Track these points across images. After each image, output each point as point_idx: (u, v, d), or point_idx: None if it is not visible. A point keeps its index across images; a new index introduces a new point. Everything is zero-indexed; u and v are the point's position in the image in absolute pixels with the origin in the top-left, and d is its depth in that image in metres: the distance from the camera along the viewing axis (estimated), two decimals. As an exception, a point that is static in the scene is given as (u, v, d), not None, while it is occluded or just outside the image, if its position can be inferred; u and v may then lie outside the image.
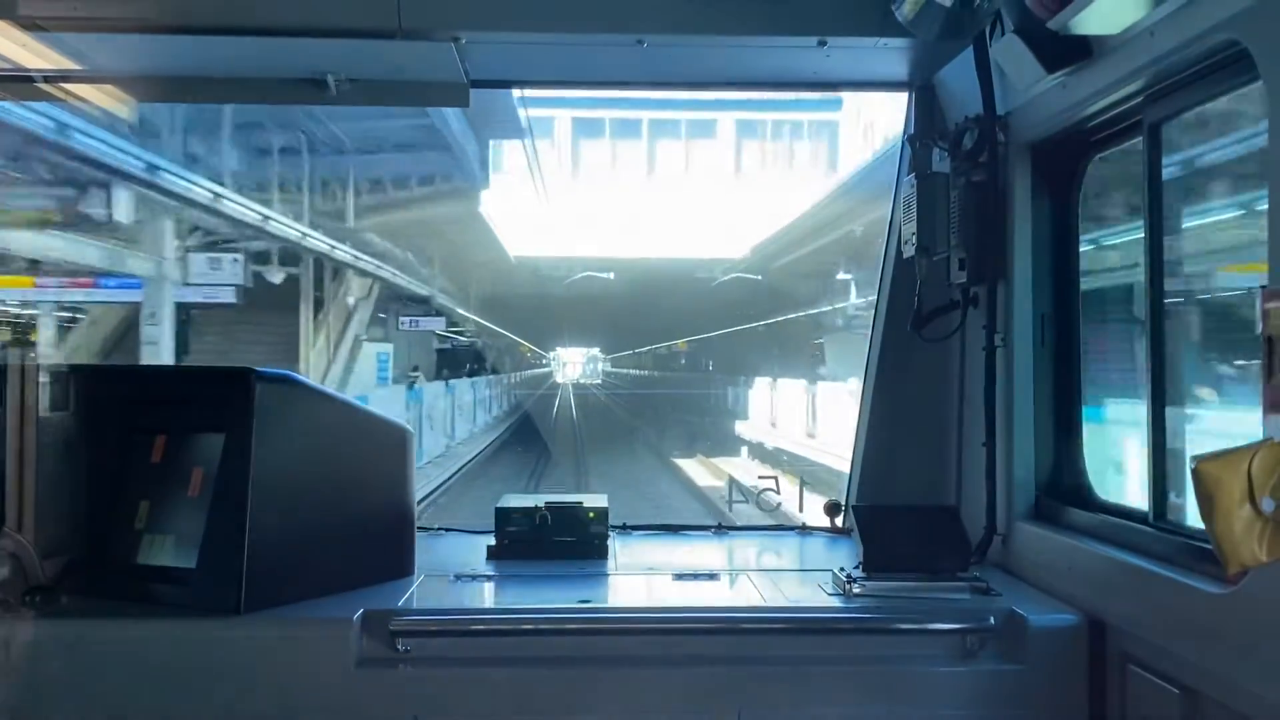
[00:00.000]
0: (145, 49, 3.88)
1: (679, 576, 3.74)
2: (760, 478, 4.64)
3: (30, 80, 4.05)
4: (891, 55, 3.99)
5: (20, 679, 3.08)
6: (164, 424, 3.54)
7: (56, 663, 3.09)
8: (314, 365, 28.76)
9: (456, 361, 49.07)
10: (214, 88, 4.41)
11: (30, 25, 3.64)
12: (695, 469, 31.53)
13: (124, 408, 3.58)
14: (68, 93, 4.29)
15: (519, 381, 73.14)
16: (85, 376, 3.70)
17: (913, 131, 4.30)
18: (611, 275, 45.16)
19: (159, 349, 23.27)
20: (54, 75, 4.07)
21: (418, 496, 3.82)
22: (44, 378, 3.52)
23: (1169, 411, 3.16)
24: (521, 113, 33.10)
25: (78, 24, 3.67)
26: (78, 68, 4.04)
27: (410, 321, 37.91)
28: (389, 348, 35.19)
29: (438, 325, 40.59)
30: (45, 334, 25.33)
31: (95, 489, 3.50)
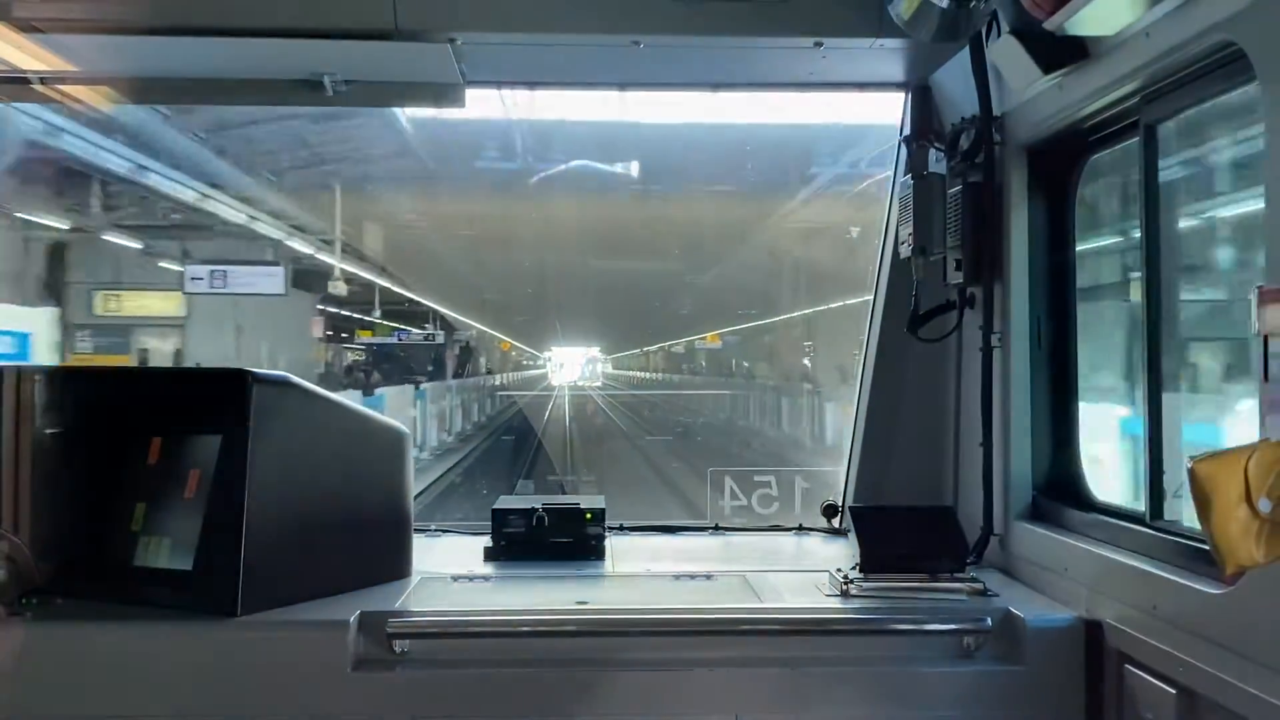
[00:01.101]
0: (141, 51, 3.88)
1: (676, 577, 3.74)
2: (756, 479, 4.64)
3: (26, 82, 4.04)
4: (887, 56, 3.99)
5: (16, 681, 3.07)
6: (160, 426, 3.54)
7: (53, 665, 3.08)
8: None
9: (398, 364, 39.44)
10: (210, 89, 4.41)
11: (26, 27, 3.64)
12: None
13: (120, 410, 3.57)
14: (63, 94, 4.28)
15: (508, 384, 61.78)
16: (81, 378, 3.69)
17: (909, 132, 4.30)
18: (634, 168, 21.37)
19: None
20: (50, 77, 4.07)
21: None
22: (39, 379, 3.52)
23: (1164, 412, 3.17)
24: None
25: (73, 25, 3.66)
26: (73, 69, 4.03)
27: (212, 275, 19.21)
28: (34, 315, 17.96)
29: (272, 285, 19.80)
30: None
31: (91, 491, 3.50)
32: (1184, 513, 3.04)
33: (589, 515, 4.04)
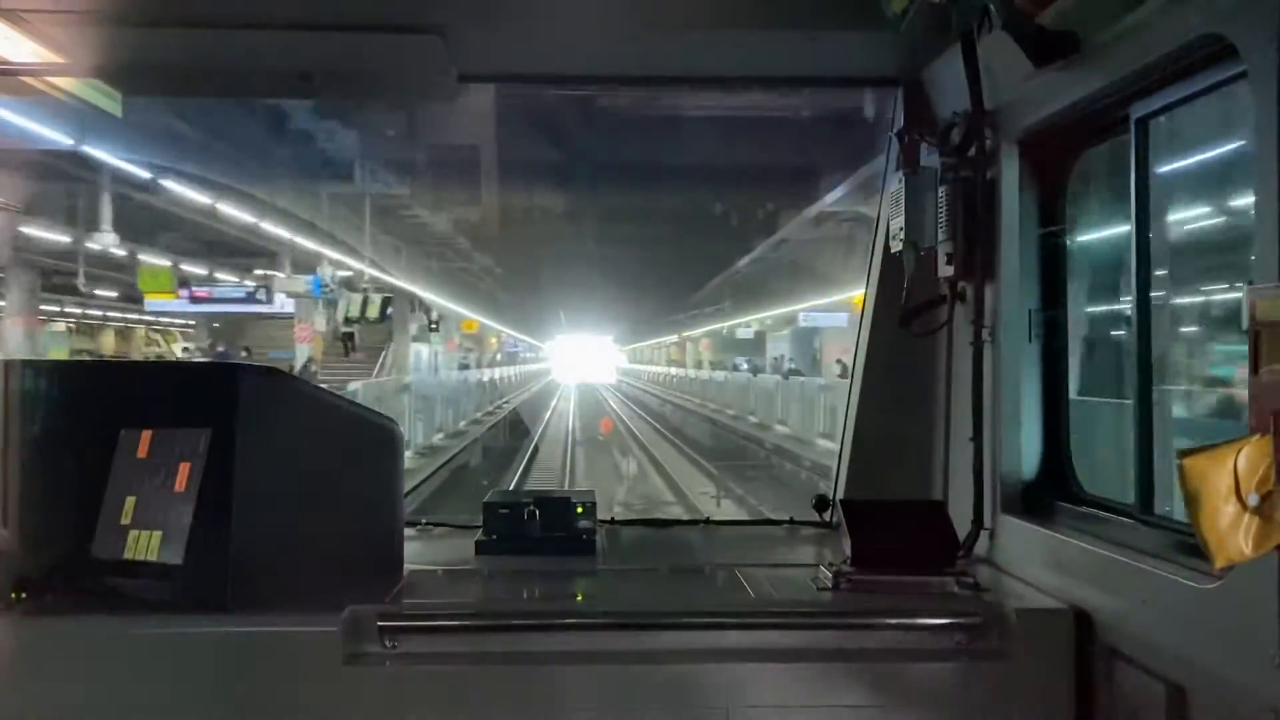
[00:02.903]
0: (129, 42, 3.85)
1: (667, 571, 3.74)
2: (749, 475, 4.64)
3: (13, 74, 4.01)
4: (880, 50, 3.99)
5: (8, 675, 3.06)
6: (150, 419, 3.52)
7: (44, 659, 3.07)
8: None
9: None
10: (199, 81, 4.38)
11: (12, 18, 3.61)
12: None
13: (109, 403, 3.55)
14: (52, 86, 4.25)
15: (486, 387, 39.35)
16: (70, 372, 3.67)
17: (901, 126, 4.30)
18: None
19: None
20: (38, 69, 4.04)
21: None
22: (29, 373, 3.50)
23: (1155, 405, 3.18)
24: None
25: (61, 17, 3.64)
26: (61, 61, 4.00)
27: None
28: None
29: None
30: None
31: (81, 485, 3.48)
32: (1174, 507, 3.05)
33: (580, 509, 4.04)
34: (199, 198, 22.87)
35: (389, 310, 31.20)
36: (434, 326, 38.73)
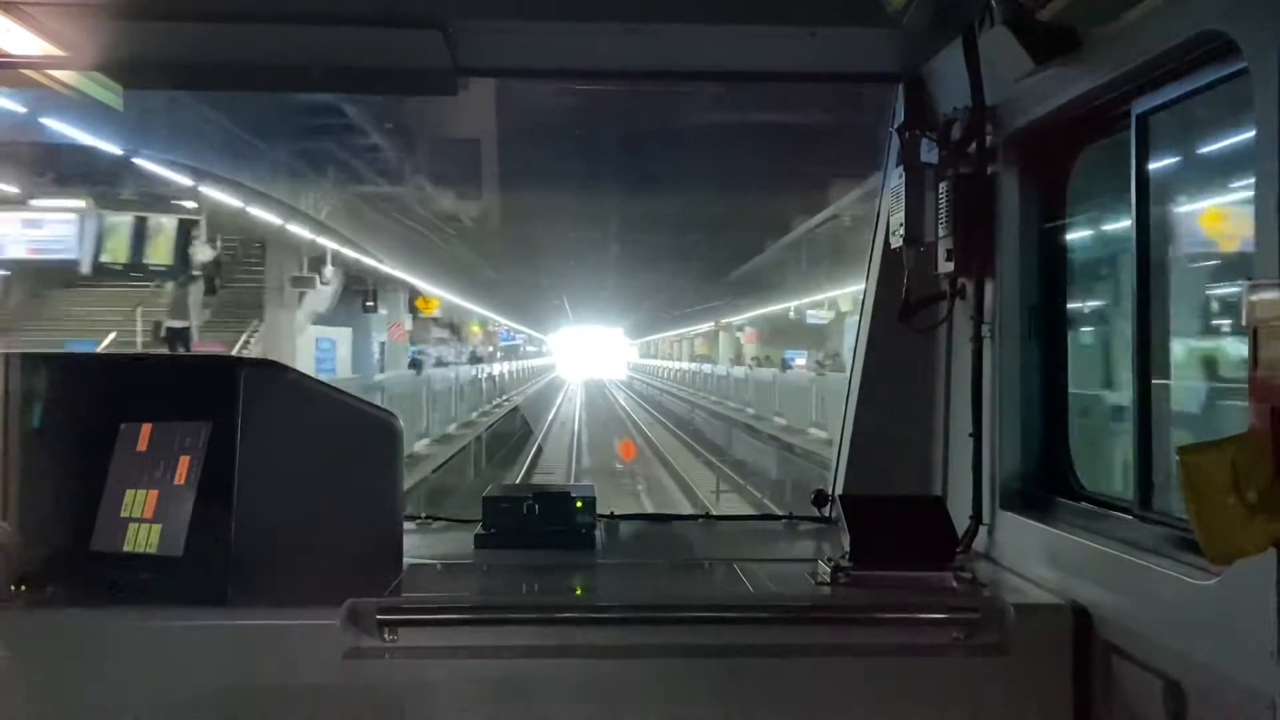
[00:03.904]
0: (129, 35, 3.85)
1: (666, 566, 3.75)
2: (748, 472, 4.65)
3: (13, 66, 4.01)
4: (881, 46, 3.99)
5: (7, 668, 3.06)
6: (150, 412, 3.52)
7: (44, 652, 3.07)
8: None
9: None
10: (200, 75, 4.38)
11: (13, 11, 3.60)
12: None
13: (109, 396, 3.56)
14: (51, 79, 4.25)
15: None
16: (69, 365, 3.67)
17: (901, 122, 4.30)
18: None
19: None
20: (38, 62, 4.03)
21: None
22: (29, 366, 3.50)
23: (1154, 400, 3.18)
24: None
25: (61, 10, 3.63)
26: (60, 53, 4.00)
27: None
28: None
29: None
30: None
31: (81, 478, 3.48)
32: (1172, 502, 3.05)
33: (579, 504, 4.04)
34: None
35: (194, 252, 18.23)
36: (369, 305, 26.03)
